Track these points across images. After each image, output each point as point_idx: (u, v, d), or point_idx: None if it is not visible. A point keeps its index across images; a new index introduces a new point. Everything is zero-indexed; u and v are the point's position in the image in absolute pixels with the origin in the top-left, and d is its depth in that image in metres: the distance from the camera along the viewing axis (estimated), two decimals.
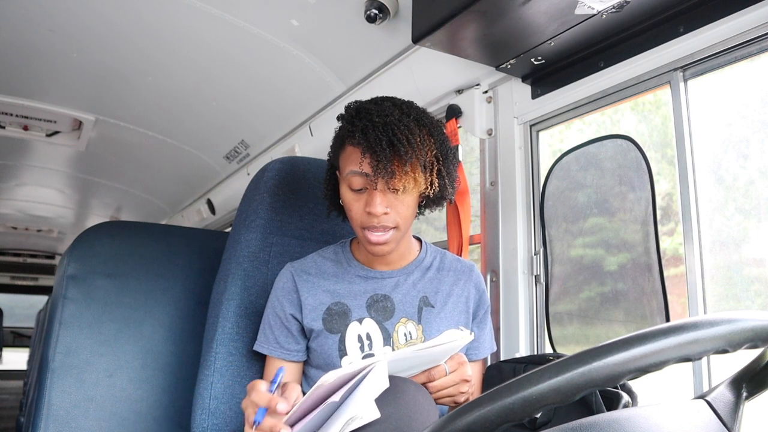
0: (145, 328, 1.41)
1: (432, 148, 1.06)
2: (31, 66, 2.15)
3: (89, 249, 1.41)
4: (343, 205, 1.09)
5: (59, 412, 1.28)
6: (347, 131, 1.04)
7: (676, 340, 0.46)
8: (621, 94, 1.31)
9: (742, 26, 1.05)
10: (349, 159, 1.05)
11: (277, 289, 1.15)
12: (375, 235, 1.04)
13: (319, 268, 1.16)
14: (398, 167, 1.00)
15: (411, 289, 1.15)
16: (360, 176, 1.03)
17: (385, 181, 1.00)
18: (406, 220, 1.07)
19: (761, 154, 1.12)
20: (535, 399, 0.45)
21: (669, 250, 1.22)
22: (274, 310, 1.14)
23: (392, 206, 1.04)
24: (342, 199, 1.09)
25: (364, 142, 1.00)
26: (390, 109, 1.03)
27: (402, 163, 0.99)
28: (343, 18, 1.63)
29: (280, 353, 1.12)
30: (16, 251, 7.13)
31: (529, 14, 1.17)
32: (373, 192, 1.03)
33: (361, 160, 1.01)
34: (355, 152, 1.03)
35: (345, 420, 0.72)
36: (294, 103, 2.19)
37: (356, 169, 1.02)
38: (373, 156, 0.99)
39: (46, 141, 2.88)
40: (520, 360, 1.18)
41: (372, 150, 0.99)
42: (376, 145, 0.98)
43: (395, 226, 1.05)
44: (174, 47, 1.94)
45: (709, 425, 0.54)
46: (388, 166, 0.98)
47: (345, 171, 1.06)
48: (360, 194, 1.05)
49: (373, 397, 0.75)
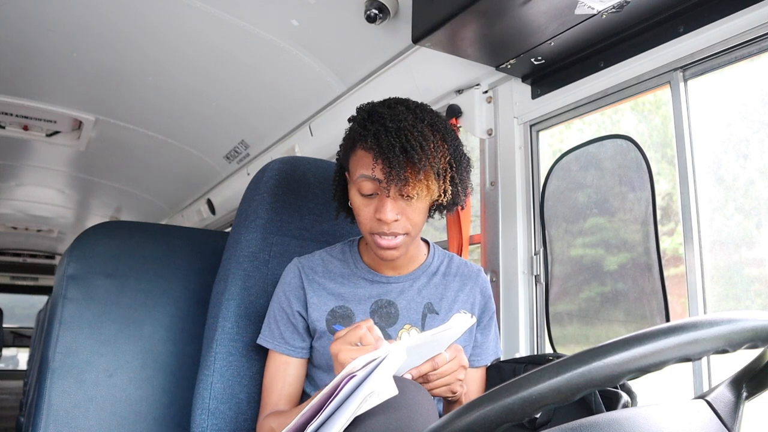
0: (145, 328, 1.41)
1: (446, 154, 1.03)
2: (31, 66, 2.15)
3: (89, 249, 1.41)
4: (352, 208, 1.07)
5: (59, 412, 1.28)
6: (359, 134, 1.01)
7: (676, 340, 0.46)
8: (621, 94, 1.31)
9: (742, 26, 1.05)
10: (360, 163, 1.02)
11: (284, 284, 1.14)
12: (385, 240, 1.02)
13: (326, 267, 1.15)
14: (411, 174, 0.97)
15: (416, 295, 1.14)
16: (371, 181, 1.00)
17: (398, 188, 0.98)
18: (417, 226, 1.04)
19: (761, 154, 1.12)
20: (535, 399, 0.45)
21: (669, 250, 1.22)
22: (280, 304, 1.13)
23: (403, 213, 1.01)
24: (351, 202, 1.07)
25: (376, 147, 0.97)
26: (404, 113, 1.00)
27: (415, 170, 0.96)
28: (343, 18, 1.63)
29: (285, 349, 1.11)
30: (16, 251, 7.12)
31: (529, 14, 1.17)
32: (385, 198, 0.99)
33: (373, 165, 0.98)
34: (366, 156, 1.00)
35: (364, 395, 0.74)
36: (294, 103, 2.19)
37: (368, 174, 1.00)
38: (386, 162, 0.96)
39: (46, 141, 2.88)
40: (519, 360, 1.18)
41: (384, 156, 0.96)
42: (389, 151, 0.95)
43: (406, 233, 1.03)
44: (174, 47, 1.94)
45: (709, 425, 0.54)
46: (401, 173, 0.95)
47: (355, 174, 1.03)
48: (370, 199, 1.02)
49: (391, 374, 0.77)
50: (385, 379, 0.76)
